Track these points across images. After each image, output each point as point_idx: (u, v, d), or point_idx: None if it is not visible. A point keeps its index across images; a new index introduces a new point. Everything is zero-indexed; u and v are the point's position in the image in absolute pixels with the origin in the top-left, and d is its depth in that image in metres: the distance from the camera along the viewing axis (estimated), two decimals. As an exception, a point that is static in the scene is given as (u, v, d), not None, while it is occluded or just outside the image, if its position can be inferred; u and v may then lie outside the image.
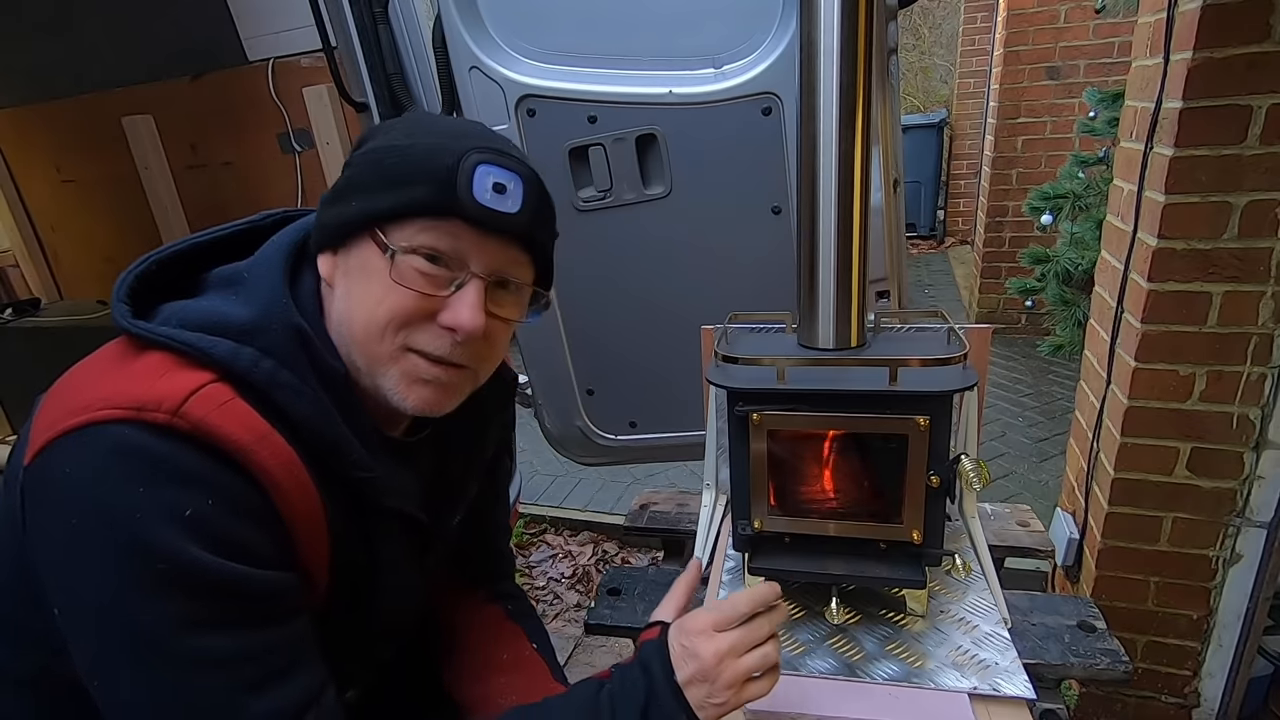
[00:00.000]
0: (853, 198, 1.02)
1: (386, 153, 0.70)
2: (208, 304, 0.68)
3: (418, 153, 0.69)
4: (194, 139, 2.59)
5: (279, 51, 2.26)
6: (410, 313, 0.69)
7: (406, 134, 0.72)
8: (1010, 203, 4.29)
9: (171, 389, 0.60)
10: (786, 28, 1.38)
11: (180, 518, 0.58)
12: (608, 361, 1.70)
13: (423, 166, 0.68)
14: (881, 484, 1.11)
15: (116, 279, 0.69)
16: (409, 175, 0.68)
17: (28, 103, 2.74)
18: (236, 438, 0.61)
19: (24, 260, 3.01)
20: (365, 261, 0.69)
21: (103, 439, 0.58)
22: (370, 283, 0.69)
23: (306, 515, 0.66)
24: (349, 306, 0.70)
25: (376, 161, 0.70)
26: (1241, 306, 1.44)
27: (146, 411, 0.58)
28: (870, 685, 1.01)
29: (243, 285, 0.69)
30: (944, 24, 7.91)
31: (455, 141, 0.69)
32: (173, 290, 0.71)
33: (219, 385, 0.62)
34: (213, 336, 0.64)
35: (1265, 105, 1.33)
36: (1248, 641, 1.63)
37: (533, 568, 2.73)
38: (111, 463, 0.58)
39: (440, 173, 0.67)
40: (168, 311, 0.67)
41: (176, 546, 0.57)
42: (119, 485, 0.57)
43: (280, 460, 0.63)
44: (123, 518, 0.57)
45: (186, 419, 0.59)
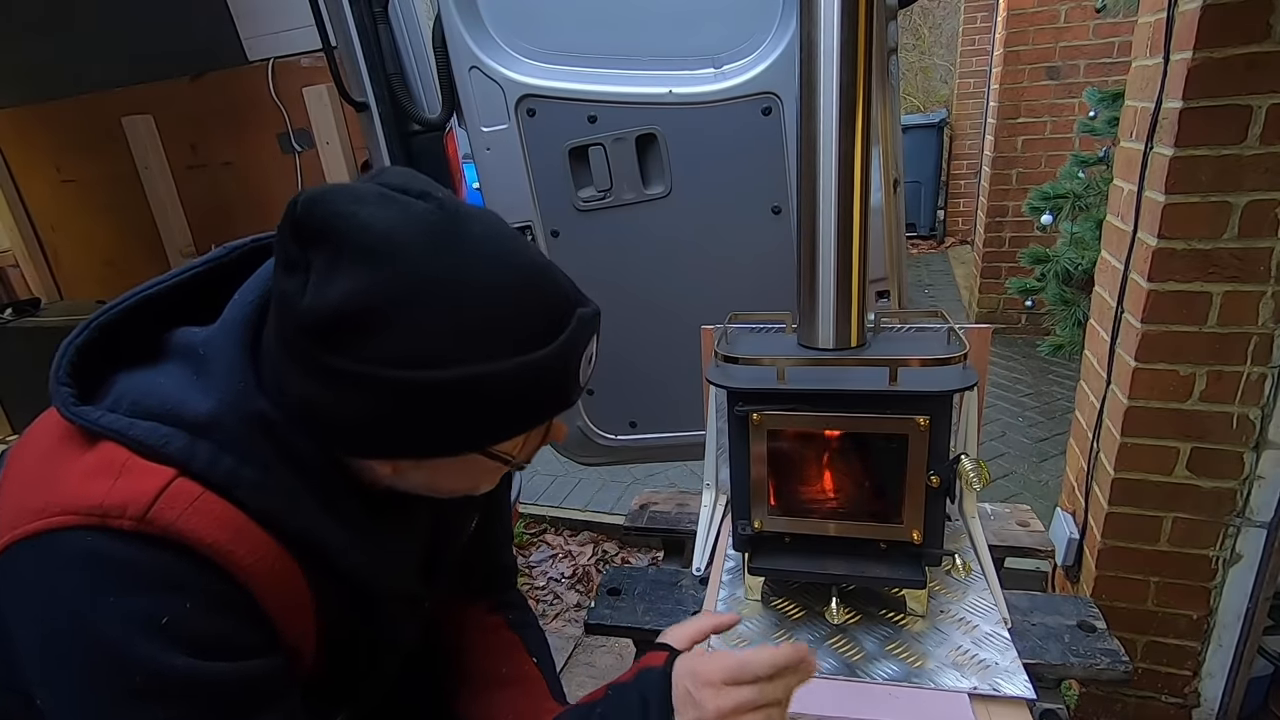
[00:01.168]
0: (853, 198, 1.02)
1: (469, 385, 0.58)
2: (165, 386, 0.61)
3: (529, 377, 0.60)
4: (194, 139, 2.59)
5: (279, 51, 2.26)
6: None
7: (477, 352, 0.57)
8: (1010, 203, 4.29)
9: (135, 491, 0.56)
10: (786, 28, 1.39)
11: (156, 626, 0.55)
12: (608, 361, 1.69)
13: (540, 389, 0.62)
14: (881, 484, 1.11)
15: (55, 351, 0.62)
16: (525, 402, 0.62)
17: (27, 103, 2.74)
18: (211, 539, 0.57)
19: (24, 260, 3.01)
20: (466, 462, 0.66)
21: (64, 548, 0.55)
22: (472, 472, 0.69)
23: (291, 602, 0.63)
24: (438, 485, 0.69)
25: (458, 398, 0.58)
26: (1241, 306, 1.44)
27: (111, 518, 0.55)
28: (870, 685, 1.00)
29: (201, 364, 0.62)
30: (944, 24, 7.90)
31: (564, 349, 0.62)
32: (131, 349, 0.65)
33: (184, 481, 0.57)
34: (166, 427, 0.58)
35: (1265, 105, 1.33)
36: (1248, 641, 1.63)
37: (533, 568, 2.73)
38: (81, 574, 0.55)
39: (561, 387, 0.63)
40: (120, 390, 0.61)
41: (153, 657, 0.55)
42: (90, 598, 0.54)
43: (258, 555, 0.60)
44: (97, 631, 0.54)
45: (154, 524, 0.55)
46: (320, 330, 0.56)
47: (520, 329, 0.59)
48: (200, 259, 0.70)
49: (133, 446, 0.58)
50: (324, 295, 0.55)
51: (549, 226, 1.60)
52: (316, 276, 0.55)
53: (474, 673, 0.94)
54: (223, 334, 0.63)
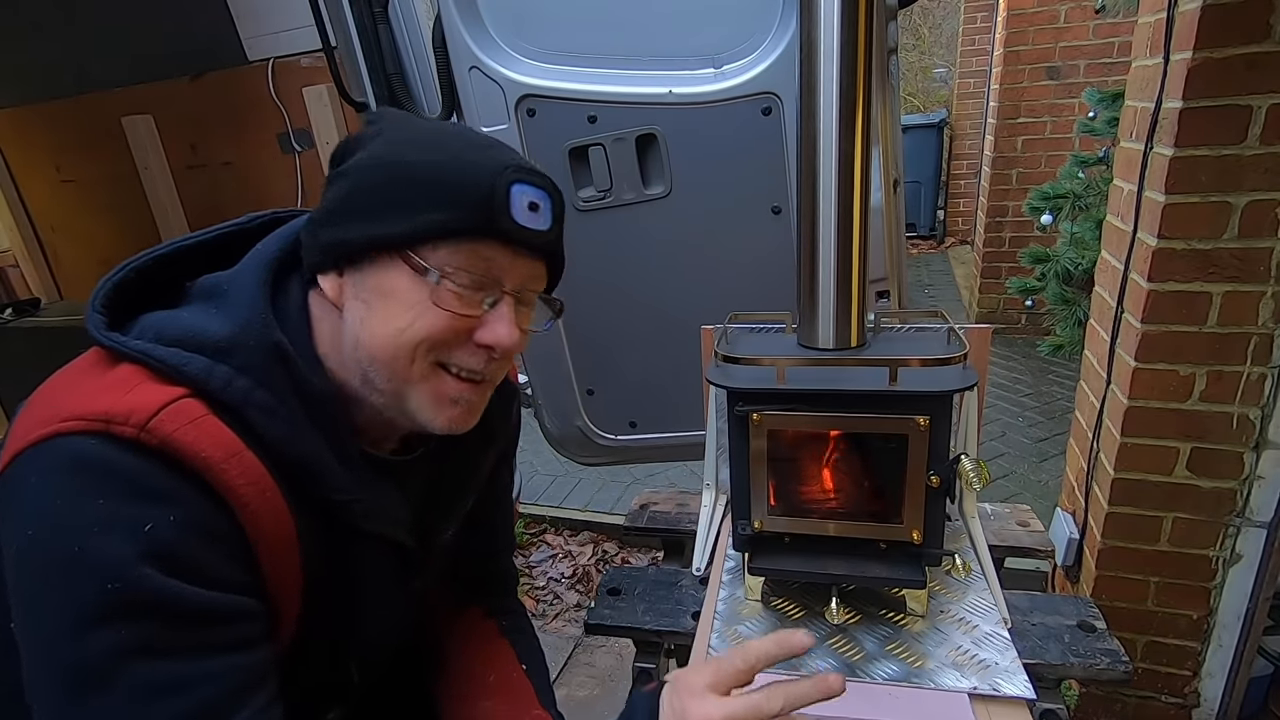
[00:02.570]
0: (853, 198, 1.02)
1: (403, 169, 0.67)
2: (187, 317, 0.66)
3: (445, 170, 0.67)
4: (194, 139, 2.59)
5: (279, 51, 2.26)
6: (446, 333, 0.68)
7: (423, 148, 0.68)
8: (1010, 203, 4.29)
9: (141, 402, 0.58)
10: (786, 28, 1.38)
11: (138, 534, 0.56)
12: (608, 361, 1.70)
13: (456, 186, 0.66)
14: (881, 484, 1.11)
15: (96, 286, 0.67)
16: (440, 195, 0.66)
17: (28, 102, 2.75)
18: (206, 454, 0.59)
19: (24, 260, 3.01)
20: (391, 283, 0.67)
21: (66, 450, 0.57)
22: (396, 305, 0.67)
23: (277, 537, 0.64)
24: (369, 328, 0.68)
25: (387, 178, 0.67)
26: (1241, 306, 1.44)
27: (114, 424, 0.57)
28: (870, 685, 1.00)
29: (223, 298, 0.67)
30: (944, 24, 7.91)
31: (489, 160, 0.68)
32: (155, 298, 0.70)
33: (191, 401, 0.60)
34: (187, 353, 0.62)
35: (1265, 105, 1.33)
36: (1248, 641, 1.63)
37: (533, 568, 2.73)
38: (71, 475, 0.56)
39: (480, 193, 0.66)
40: (145, 323, 0.66)
41: (129, 565, 0.55)
42: (76, 498, 0.56)
43: (250, 479, 0.61)
44: (77, 530, 0.55)
45: (154, 434, 0.57)
46: (336, 153, 0.71)
47: (468, 143, 0.71)
48: (225, 223, 0.76)
49: (153, 367, 0.61)
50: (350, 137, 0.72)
51: (549, 226, 1.59)
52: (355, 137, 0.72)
53: (461, 678, 0.93)
54: (244, 274, 0.69)
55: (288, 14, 2.14)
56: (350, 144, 0.71)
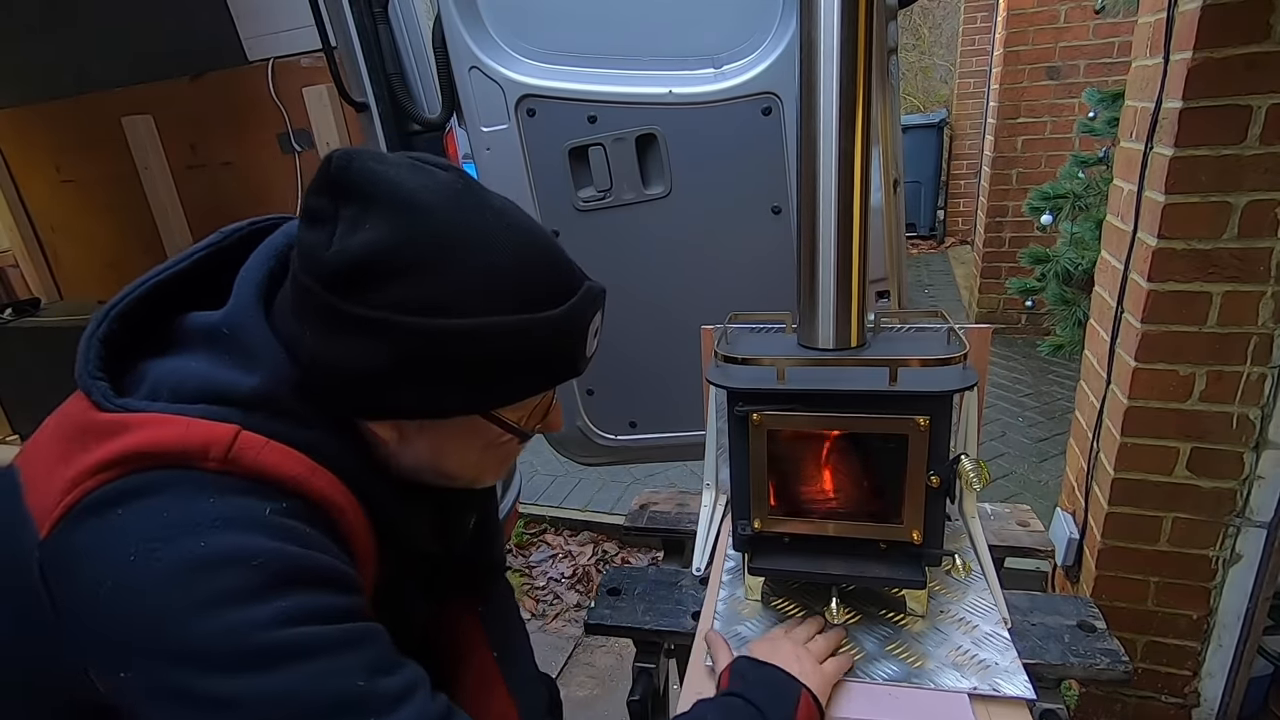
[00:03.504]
0: (853, 198, 1.02)
1: (486, 343, 0.59)
2: (199, 369, 0.60)
3: (536, 336, 0.61)
4: (194, 139, 2.58)
5: (279, 51, 2.26)
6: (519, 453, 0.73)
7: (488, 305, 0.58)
8: (1010, 203, 4.29)
9: (211, 435, 0.54)
10: (786, 28, 1.38)
11: (262, 518, 0.53)
12: (608, 361, 1.69)
13: (547, 350, 0.63)
14: (881, 484, 1.11)
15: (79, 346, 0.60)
16: (534, 366, 0.63)
17: (27, 103, 2.74)
18: (294, 473, 0.57)
19: (24, 260, 3.01)
20: (468, 430, 0.66)
21: (150, 485, 0.52)
22: (474, 444, 0.68)
23: (364, 549, 0.64)
24: (440, 460, 0.68)
25: (464, 349, 0.59)
26: (1241, 306, 1.44)
27: (195, 460, 0.53)
28: (870, 685, 1.00)
29: (232, 345, 0.61)
30: (944, 24, 7.91)
31: (572, 313, 0.63)
32: (144, 337, 0.64)
33: (249, 434, 0.56)
34: (217, 407, 0.57)
35: (1265, 105, 1.33)
36: (1248, 641, 1.63)
37: (533, 568, 2.73)
38: (171, 496, 0.52)
39: (567, 353, 0.65)
40: (154, 379, 0.59)
41: (263, 543, 0.52)
42: (181, 505, 0.52)
43: (336, 489, 0.60)
44: (196, 529, 0.51)
45: (239, 464, 0.54)
46: (340, 277, 0.56)
47: (530, 288, 0.61)
48: (201, 244, 0.70)
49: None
50: (347, 244, 0.56)
51: (549, 226, 1.59)
52: (343, 227, 0.56)
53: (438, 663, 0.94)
54: (241, 312, 0.63)
55: (288, 14, 2.14)
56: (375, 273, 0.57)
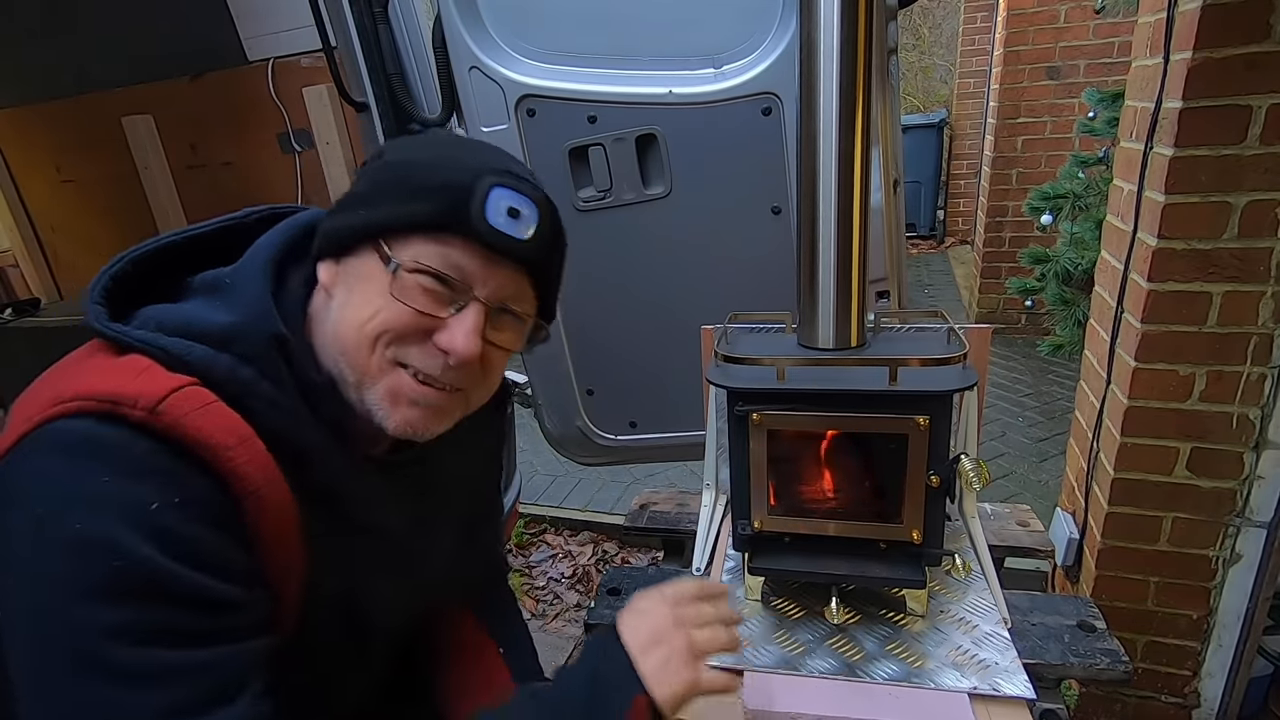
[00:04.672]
0: (853, 198, 1.02)
1: (399, 166, 0.70)
2: (188, 309, 0.66)
3: (432, 167, 0.69)
4: (194, 139, 2.58)
5: (279, 51, 2.26)
6: (405, 328, 0.67)
7: (422, 149, 0.72)
8: (1010, 203, 4.29)
9: (150, 386, 0.58)
10: (786, 28, 1.38)
11: (142, 514, 0.55)
12: (608, 361, 1.70)
13: (436, 182, 0.67)
14: (881, 484, 1.11)
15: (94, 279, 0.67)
16: (420, 190, 0.67)
17: (28, 103, 2.74)
18: (215, 440, 0.59)
19: (24, 260, 3.01)
20: (365, 272, 0.68)
21: (73, 430, 0.57)
22: (368, 293, 0.67)
23: (280, 524, 0.64)
24: (343, 315, 0.68)
25: (388, 174, 0.70)
26: (1241, 306, 1.44)
27: (123, 406, 0.57)
28: (870, 685, 1.00)
29: (226, 291, 0.68)
30: (944, 24, 7.91)
31: (472, 160, 0.69)
32: (151, 292, 0.69)
33: (200, 388, 0.60)
34: (189, 342, 0.62)
35: (1265, 105, 1.33)
36: (1248, 641, 1.63)
37: (533, 568, 2.73)
38: (78, 454, 0.56)
39: (454, 190, 0.66)
40: (145, 315, 0.66)
41: (133, 545, 0.54)
42: (83, 476, 0.55)
43: (258, 465, 0.61)
44: (83, 507, 0.55)
45: (163, 417, 0.57)
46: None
47: (465, 149, 0.73)
48: (221, 217, 0.76)
49: (158, 356, 0.61)
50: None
51: (549, 226, 1.60)
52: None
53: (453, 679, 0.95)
54: (247, 267, 0.69)
55: (288, 14, 2.14)
56: (384, 146, 0.75)
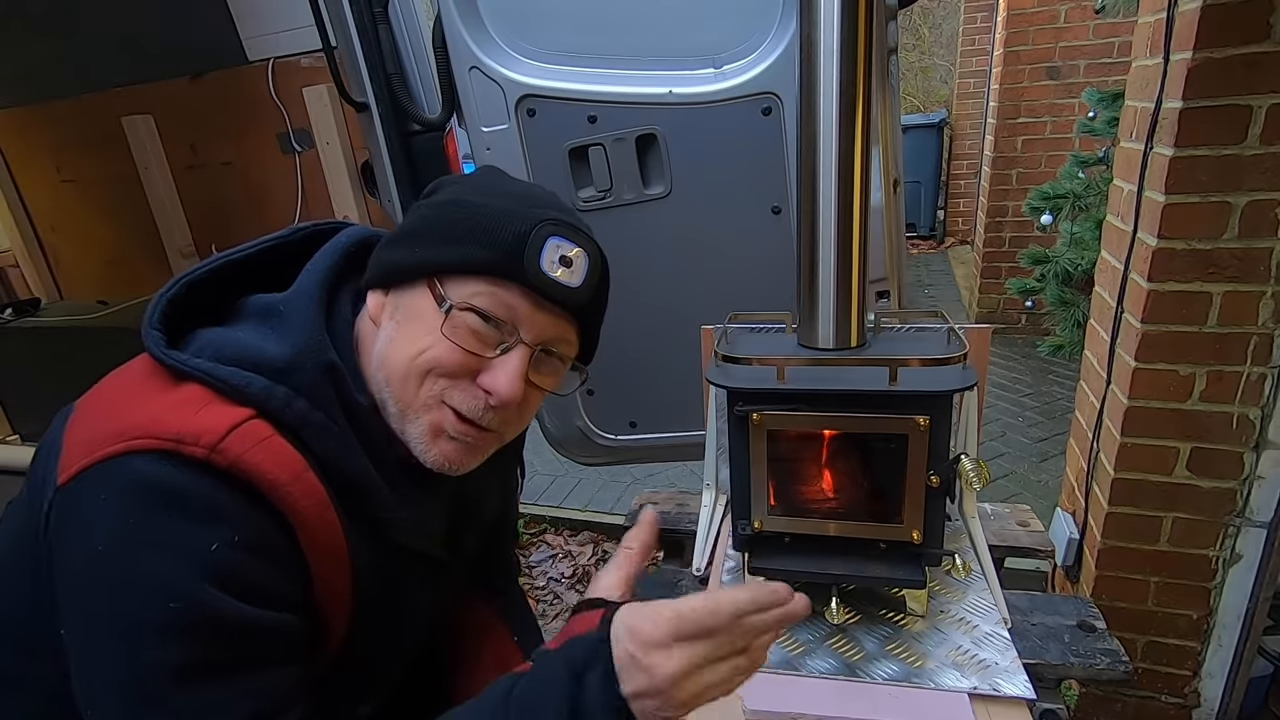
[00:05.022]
0: (853, 198, 1.02)
1: (457, 207, 0.72)
2: (243, 337, 0.68)
3: (490, 213, 0.70)
4: (194, 139, 2.59)
5: (279, 51, 2.26)
6: (453, 366, 0.69)
7: (481, 191, 0.73)
8: (1010, 203, 4.29)
9: (212, 423, 0.61)
10: (786, 28, 1.38)
11: (203, 555, 0.58)
12: (608, 361, 1.69)
13: (494, 228, 0.69)
14: (881, 484, 1.11)
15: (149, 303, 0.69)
16: (478, 234, 0.69)
17: (28, 103, 2.74)
18: (273, 476, 0.61)
19: (24, 260, 3.01)
20: (417, 307, 0.70)
21: (138, 469, 0.59)
22: (418, 328, 0.69)
23: (330, 554, 0.66)
24: (392, 348, 0.71)
25: (447, 214, 0.72)
26: (1241, 306, 1.44)
27: (185, 445, 0.59)
28: (870, 685, 1.00)
29: (280, 319, 0.69)
30: (944, 24, 7.91)
31: (529, 209, 0.71)
32: (204, 311, 0.72)
33: (259, 422, 0.63)
34: (247, 373, 0.64)
35: (1265, 105, 1.33)
36: (1248, 641, 1.63)
37: (533, 568, 2.73)
38: (142, 494, 0.58)
39: (510, 238, 0.68)
40: (202, 341, 0.68)
41: (193, 585, 0.57)
42: (146, 516, 0.58)
43: (313, 499, 0.64)
44: (146, 548, 0.58)
45: (224, 455, 0.59)
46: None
47: (519, 193, 0.75)
48: (270, 235, 0.79)
49: (217, 386, 0.64)
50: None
51: (549, 226, 1.60)
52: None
53: (467, 664, 0.97)
54: (300, 296, 0.71)
55: (288, 14, 2.14)
56: (441, 182, 0.78)
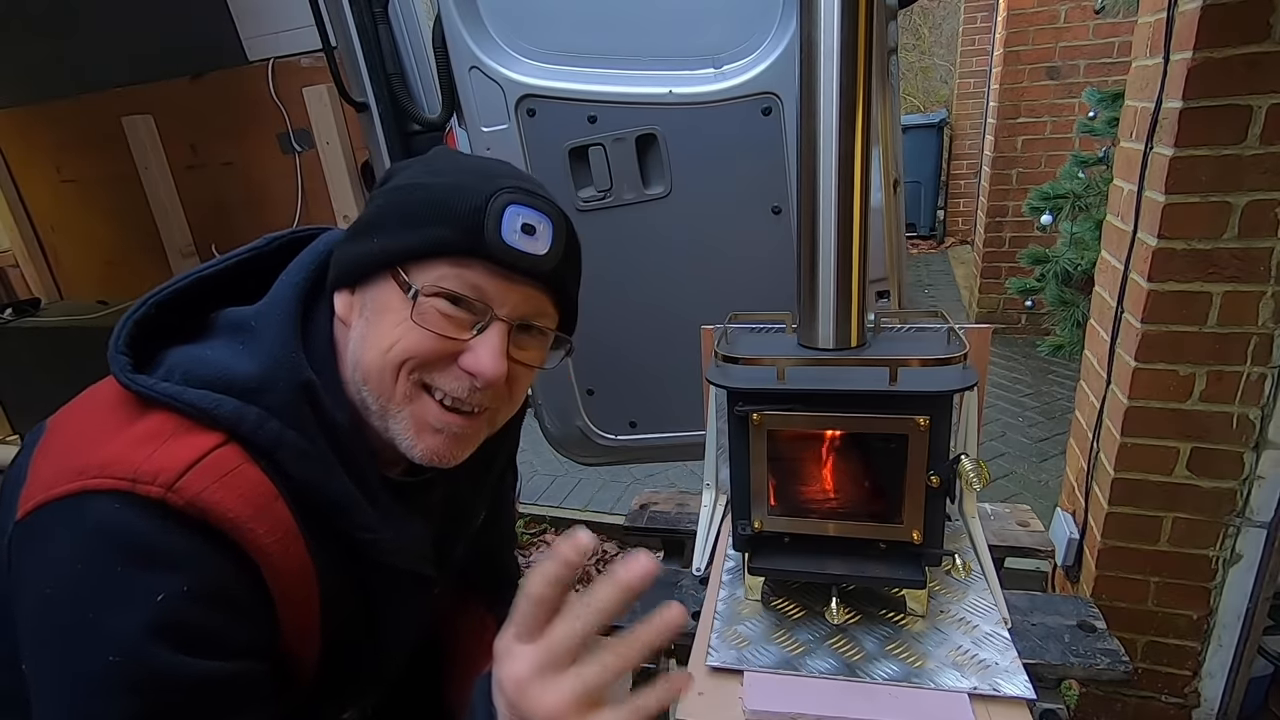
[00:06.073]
0: (853, 198, 1.02)
1: (411, 190, 0.68)
2: (214, 356, 0.65)
3: (444, 191, 0.67)
4: (194, 139, 2.59)
5: (279, 51, 2.26)
6: (429, 353, 0.67)
7: (432, 171, 0.70)
8: (1010, 203, 4.29)
9: (172, 458, 0.58)
10: (786, 28, 1.38)
11: (149, 606, 0.55)
12: (608, 361, 1.70)
13: (449, 205, 0.66)
14: (881, 484, 1.11)
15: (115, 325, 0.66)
16: (434, 214, 0.66)
17: (28, 103, 2.75)
18: (233, 514, 0.58)
19: (24, 260, 3.01)
20: (384, 300, 0.67)
21: (91, 511, 0.56)
22: (388, 321, 0.67)
23: (297, 587, 0.64)
24: (364, 346, 0.68)
25: (400, 199, 0.68)
26: (1241, 306, 1.44)
27: (140, 484, 0.56)
28: (870, 685, 1.00)
29: (251, 334, 0.67)
30: (944, 24, 7.91)
31: (484, 181, 0.67)
32: (177, 329, 0.69)
33: (227, 450, 0.60)
34: (217, 395, 0.61)
35: (1265, 105, 1.33)
36: (1248, 641, 1.63)
37: (533, 567, 2.73)
38: (93, 539, 0.56)
39: (467, 213, 0.65)
40: (171, 362, 0.64)
41: (137, 640, 0.55)
42: (94, 564, 0.56)
43: (277, 534, 0.61)
44: (90, 598, 0.55)
45: (181, 494, 0.57)
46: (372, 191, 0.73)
47: (474, 170, 0.70)
48: (244, 248, 0.76)
49: (185, 411, 0.61)
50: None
51: (549, 226, 1.60)
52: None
53: (463, 674, 0.95)
54: (271, 307, 0.68)
55: (288, 14, 2.14)
56: (393, 169, 0.74)
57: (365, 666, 0.77)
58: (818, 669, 1.03)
